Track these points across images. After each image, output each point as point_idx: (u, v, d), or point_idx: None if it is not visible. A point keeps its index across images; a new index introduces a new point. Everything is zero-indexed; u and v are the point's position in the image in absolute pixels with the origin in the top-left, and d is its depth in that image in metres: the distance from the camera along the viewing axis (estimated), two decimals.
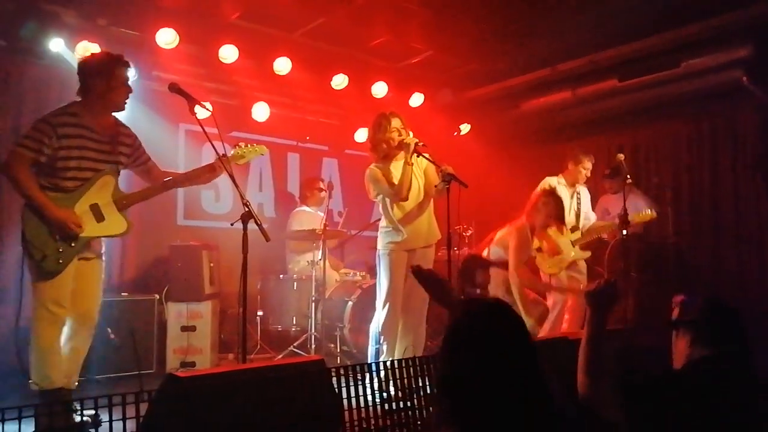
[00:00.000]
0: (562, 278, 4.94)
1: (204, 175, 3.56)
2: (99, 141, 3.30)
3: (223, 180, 5.43)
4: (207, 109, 3.31)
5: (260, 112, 6.15)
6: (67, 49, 4.76)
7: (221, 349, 5.26)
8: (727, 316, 2.04)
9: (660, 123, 6.38)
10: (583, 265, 5.16)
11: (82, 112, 3.27)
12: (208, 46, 5.47)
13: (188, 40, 5.25)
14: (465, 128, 6.96)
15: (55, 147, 3.13)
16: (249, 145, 3.67)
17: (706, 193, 6.03)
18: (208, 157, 6.06)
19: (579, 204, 5.28)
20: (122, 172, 3.51)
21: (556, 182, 5.23)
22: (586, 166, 5.21)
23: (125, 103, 3.42)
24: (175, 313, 4.79)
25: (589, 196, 5.42)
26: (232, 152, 3.59)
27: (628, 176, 4.69)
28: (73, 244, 3.16)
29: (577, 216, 5.22)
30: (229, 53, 5.50)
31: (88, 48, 4.80)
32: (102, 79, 3.27)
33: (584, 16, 5.35)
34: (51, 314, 3.13)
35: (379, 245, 4.25)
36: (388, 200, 4.20)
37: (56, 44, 4.70)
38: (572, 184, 5.26)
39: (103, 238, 3.41)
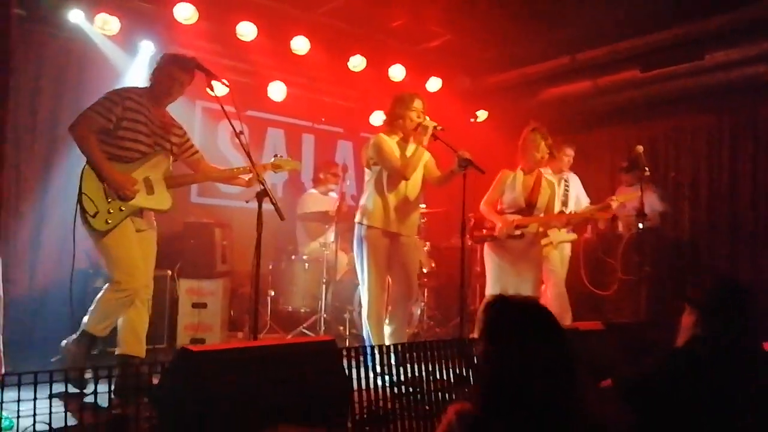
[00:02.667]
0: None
1: (239, 179, 3.75)
2: (154, 124, 3.53)
3: (238, 158, 5.44)
4: (225, 85, 3.35)
5: (276, 91, 6.12)
6: (86, 21, 4.75)
7: (231, 328, 5.29)
8: (734, 298, 2.06)
9: (681, 115, 6.27)
10: (567, 252, 5.20)
11: (144, 95, 3.54)
12: (226, 23, 5.43)
13: (207, 16, 5.20)
14: (482, 115, 6.89)
15: (119, 116, 3.36)
16: (287, 158, 3.84)
17: (723, 189, 5.93)
18: (223, 134, 6.10)
19: (567, 190, 5.30)
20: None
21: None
22: (568, 153, 5.26)
23: (168, 102, 3.65)
24: (187, 289, 4.81)
25: (579, 182, 5.40)
26: (272, 159, 3.81)
27: (646, 169, 4.63)
28: (122, 209, 3.36)
29: (564, 203, 5.21)
30: (247, 30, 5.46)
31: (107, 20, 4.81)
32: (163, 77, 3.54)
33: (607, 3, 5.26)
34: (122, 289, 3.32)
35: (361, 219, 4.10)
36: (385, 177, 4.09)
37: (75, 15, 4.70)
38: (558, 171, 5.25)
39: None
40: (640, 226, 4.62)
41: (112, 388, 2.46)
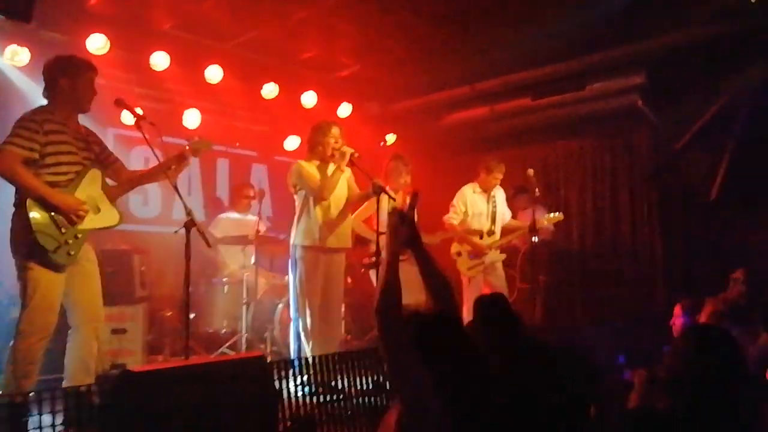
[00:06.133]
0: (478, 280, 5.40)
1: (171, 165, 3.65)
2: (75, 138, 3.34)
3: (150, 185, 5.48)
4: (153, 125, 3.45)
5: (191, 118, 6.22)
6: None
7: (151, 352, 5.31)
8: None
9: (567, 139, 6.98)
10: (500, 269, 5.60)
11: (55, 111, 3.31)
12: (139, 53, 5.52)
13: (119, 46, 5.27)
14: (390, 138, 7.27)
15: (42, 143, 3.14)
16: (199, 140, 3.83)
17: (607, 204, 6.64)
18: (137, 160, 6.11)
19: (495, 207, 5.65)
20: None
21: (472, 190, 5.64)
22: (497, 176, 5.57)
23: (89, 105, 3.44)
24: (106, 315, 4.81)
25: (504, 196, 5.79)
26: (186, 146, 3.71)
27: (537, 189, 5.17)
28: (77, 236, 3.17)
29: (493, 220, 5.61)
30: (160, 60, 5.56)
31: (17, 52, 4.78)
32: (68, 80, 3.31)
33: (501, 40, 5.82)
34: (40, 323, 3.12)
35: (295, 240, 4.44)
36: (311, 199, 4.41)
37: None
38: (486, 191, 5.65)
39: None
40: (534, 239, 5.15)
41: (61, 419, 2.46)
